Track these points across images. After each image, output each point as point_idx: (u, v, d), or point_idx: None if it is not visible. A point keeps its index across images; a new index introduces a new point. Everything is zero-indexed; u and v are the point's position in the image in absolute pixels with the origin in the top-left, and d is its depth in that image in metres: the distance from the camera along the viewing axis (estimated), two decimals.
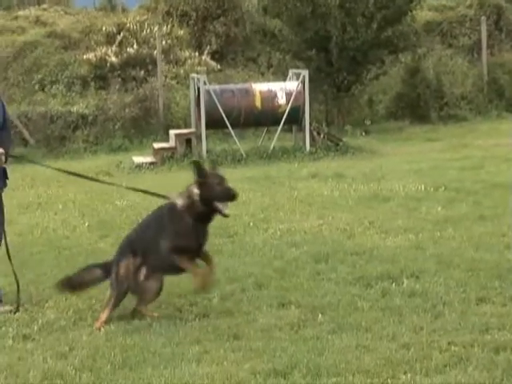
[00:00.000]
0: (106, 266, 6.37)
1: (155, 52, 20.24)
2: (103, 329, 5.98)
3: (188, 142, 15.80)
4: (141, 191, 7.07)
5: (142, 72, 20.65)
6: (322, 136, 16.33)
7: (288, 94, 15.83)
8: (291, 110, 15.76)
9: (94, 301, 6.61)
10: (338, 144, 16.24)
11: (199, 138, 15.69)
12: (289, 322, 5.89)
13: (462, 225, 8.66)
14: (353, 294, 6.45)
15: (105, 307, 6.23)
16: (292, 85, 16.13)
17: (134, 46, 21.40)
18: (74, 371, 5.19)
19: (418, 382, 4.77)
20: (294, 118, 15.98)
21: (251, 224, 9.29)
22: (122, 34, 22.01)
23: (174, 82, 20.39)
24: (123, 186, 8.20)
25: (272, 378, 4.93)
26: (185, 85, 19.33)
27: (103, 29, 22.59)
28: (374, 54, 19.11)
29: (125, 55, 21.20)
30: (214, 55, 22.55)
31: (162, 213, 6.29)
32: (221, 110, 15.38)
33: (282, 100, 15.83)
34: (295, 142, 16.57)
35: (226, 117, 15.44)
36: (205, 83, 15.65)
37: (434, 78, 20.73)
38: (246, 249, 8.03)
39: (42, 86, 21.05)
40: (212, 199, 6.07)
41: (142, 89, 19.52)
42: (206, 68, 20.74)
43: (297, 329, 5.76)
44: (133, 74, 20.73)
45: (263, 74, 21.69)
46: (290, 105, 15.74)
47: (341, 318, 5.91)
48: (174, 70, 21.00)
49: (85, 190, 11.94)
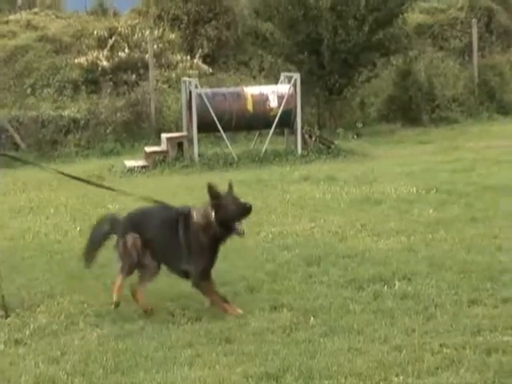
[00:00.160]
0: (112, 221, 6.68)
1: (147, 56, 20.21)
2: (95, 333, 5.97)
3: (180, 145, 15.78)
4: (144, 199, 6.97)
5: (134, 76, 20.61)
6: (313, 139, 16.34)
7: (280, 98, 15.83)
8: (283, 113, 15.76)
9: (85, 305, 6.61)
10: (329, 147, 16.25)
11: (191, 141, 15.68)
12: (281, 325, 5.89)
13: (453, 227, 8.69)
14: (345, 297, 6.46)
15: (118, 274, 6.44)
16: (284, 88, 16.14)
17: (126, 49, 21.37)
18: (66, 376, 5.18)
19: None
20: (286, 121, 15.98)
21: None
22: (113, 38, 21.96)
23: (165, 86, 20.36)
24: (133, 194, 7.74)
25: (264, 381, 4.94)
26: (176, 88, 19.31)
27: (94, 33, 22.54)
28: (366, 57, 19.12)
29: (116, 59, 21.16)
30: (205, 59, 22.53)
31: (177, 219, 6.36)
32: (212, 114, 15.37)
33: (273, 103, 15.84)
34: (287, 145, 16.58)
35: (218, 120, 15.43)
36: (196, 87, 15.65)
37: (426, 80, 20.75)
38: (237, 252, 8.02)
39: (33, 90, 21.00)
40: (228, 220, 6.20)
41: (134, 93, 19.49)
42: (197, 71, 20.79)
43: (289, 332, 5.77)
44: (124, 77, 20.67)
45: (255, 78, 21.67)
46: (281, 108, 15.74)
47: (333, 320, 5.92)
48: (165, 74, 20.98)
49: (76, 195, 11.91)
